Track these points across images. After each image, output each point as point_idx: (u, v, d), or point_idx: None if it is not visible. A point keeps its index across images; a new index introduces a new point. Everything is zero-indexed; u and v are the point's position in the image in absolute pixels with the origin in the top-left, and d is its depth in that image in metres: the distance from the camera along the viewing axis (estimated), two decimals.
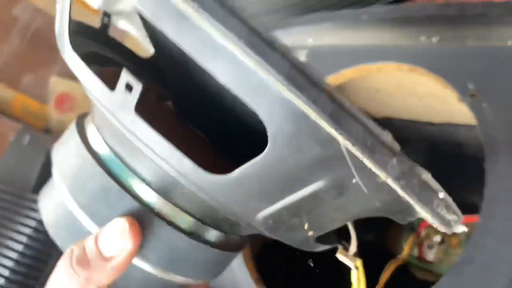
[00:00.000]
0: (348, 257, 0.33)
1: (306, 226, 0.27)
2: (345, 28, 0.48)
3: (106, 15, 0.41)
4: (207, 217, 0.31)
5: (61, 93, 1.40)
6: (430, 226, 0.50)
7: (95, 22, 0.43)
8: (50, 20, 1.34)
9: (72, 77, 1.27)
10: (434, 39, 0.44)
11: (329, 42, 0.52)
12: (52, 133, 1.44)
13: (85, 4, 1.43)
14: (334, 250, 0.34)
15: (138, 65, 0.42)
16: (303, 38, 0.55)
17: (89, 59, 0.30)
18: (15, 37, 1.32)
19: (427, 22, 0.42)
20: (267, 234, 0.28)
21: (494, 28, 0.39)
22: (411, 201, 0.22)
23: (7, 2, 1.28)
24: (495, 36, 0.39)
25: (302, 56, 0.55)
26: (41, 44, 1.39)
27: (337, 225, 0.29)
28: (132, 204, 0.30)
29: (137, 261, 0.30)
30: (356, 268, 0.33)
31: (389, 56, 0.44)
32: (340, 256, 0.34)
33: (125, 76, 0.25)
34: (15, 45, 1.32)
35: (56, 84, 1.39)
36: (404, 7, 0.42)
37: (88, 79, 0.28)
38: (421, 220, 0.31)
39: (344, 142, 0.21)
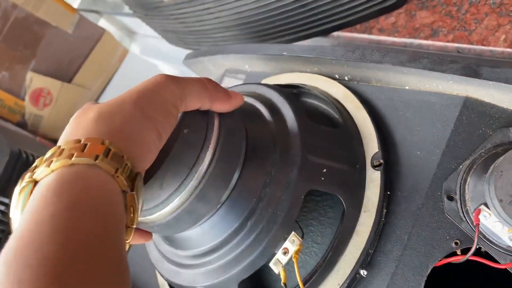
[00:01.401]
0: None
1: None
2: (270, 60, 0.52)
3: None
4: None
5: (37, 88, 1.42)
6: None
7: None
8: (26, 17, 1.35)
9: (48, 73, 1.29)
10: (346, 78, 0.47)
11: (260, 70, 0.55)
12: (27, 128, 1.47)
13: (64, 3, 1.45)
14: None
15: None
16: (242, 64, 0.58)
17: None
18: None
19: (338, 65, 0.45)
20: None
21: (391, 74, 0.42)
22: None
23: None
24: (393, 81, 0.43)
25: (241, 80, 0.59)
26: (17, 40, 1.40)
27: None
28: None
29: None
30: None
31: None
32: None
33: None
34: None
35: (32, 80, 1.41)
36: (318, 49, 0.45)
37: None
38: None
39: None
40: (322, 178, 0.38)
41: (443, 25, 0.59)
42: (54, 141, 1.32)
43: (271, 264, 0.36)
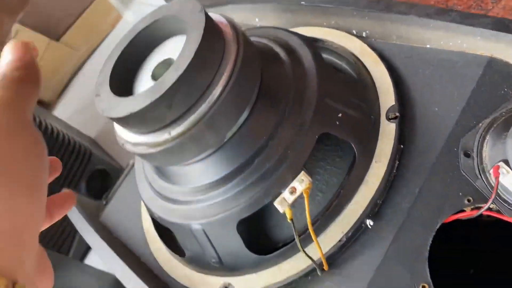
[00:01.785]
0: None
1: None
2: (285, 11, 0.49)
3: None
4: None
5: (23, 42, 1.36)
6: None
7: None
8: None
9: (35, 28, 1.24)
10: (364, 34, 0.46)
11: (272, 23, 0.53)
12: None
13: None
14: None
15: None
16: (252, 17, 0.56)
17: None
18: None
19: (358, 17, 0.44)
20: None
21: (414, 30, 0.41)
22: None
23: None
24: (414, 38, 0.42)
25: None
26: None
27: None
28: None
29: None
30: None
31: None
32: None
33: None
34: None
35: (18, 33, 1.36)
36: None
37: None
38: None
39: None
40: (337, 123, 0.36)
41: (459, 3, 0.58)
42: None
43: (275, 203, 0.34)
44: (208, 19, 0.33)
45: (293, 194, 0.34)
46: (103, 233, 0.51)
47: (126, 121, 0.33)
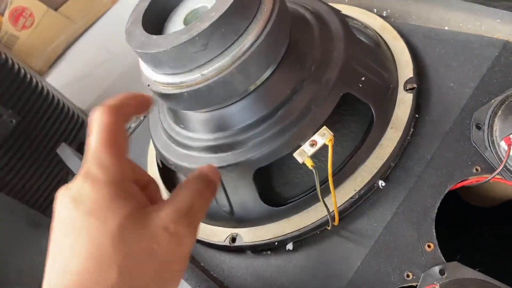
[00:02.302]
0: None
1: None
2: None
3: None
4: None
5: (19, 6, 1.34)
6: None
7: None
8: None
9: None
10: (385, 13, 0.47)
11: None
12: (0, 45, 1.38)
13: None
14: None
15: None
16: None
17: None
18: None
19: None
20: None
21: (436, 10, 0.43)
22: None
23: None
24: (434, 19, 0.43)
25: None
26: None
27: None
28: None
29: None
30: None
31: None
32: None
33: None
34: None
35: None
36: None
37: None
38: None
39: None
40: (360, 85, 0.38)
41: None
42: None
43: (295, 154, 0.35)
44: None
45: (314, 146, 0.35)
46: None
47: (160, 58, 0.34)
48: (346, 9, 0.49)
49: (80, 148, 1.01)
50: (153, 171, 0.49)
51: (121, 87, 1.23)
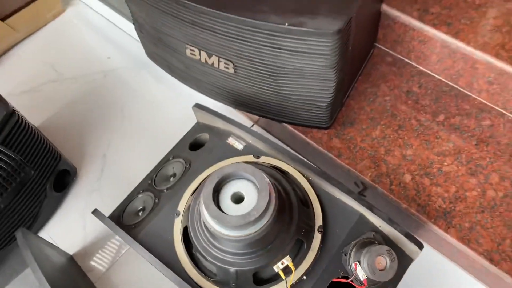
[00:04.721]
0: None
1: None
2: (271, 148, 0.94)
3: None
4: None
5: None
6: None
7: None
8: None
9: None
10: (310, 178, 0.94)
11: (258, 147, 0.97)
12: None
13: None
14: None
15: None
16: (246, 136, 0.99)
17: None
18: None
19: (307, 170, 0.92)
20: None
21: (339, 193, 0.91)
22: None
23: None
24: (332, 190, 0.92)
25: (242, 144, 0.99)
26: None
27: None
28: None
29: None
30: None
31: None
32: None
33: None
34: None
35: None
36: (299, 161, 0.91)
37: None
38: None
39: None
40: (303, 232, 0.84)
41: (345, 152, 1.12)
42: None
43: (274, 266, 0.80)
44: (268, 182, 0.76)
45: (283, 264, 0.80)
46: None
47: (226, 225, 0.75)
48: (289, 169, 0.93)
49: (56, 179, 1.26)
50: (180, 247, 0.89)
51: (76, 112, 1.46)
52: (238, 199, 0.78)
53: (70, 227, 1.25)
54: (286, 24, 0.87)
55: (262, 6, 0.90)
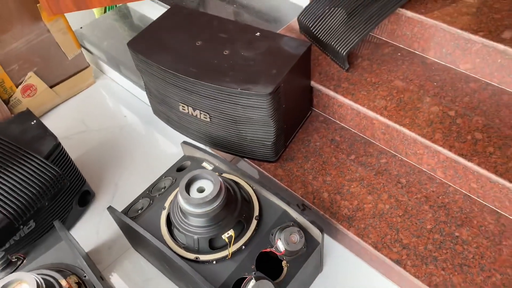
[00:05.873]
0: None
1: None
2: (229, 170, 1.44)
3: None
4: None
5: (30, 84, 2.03)
6: None
7: None
8: (48, 39, 2.00)
9: (41, 76, 2.14)
10: (253, 187, 1.43)
11: (223, 169, 1.47)
12: (7, 105, 2.03)
13: (75, 39, 2.15)
14: None
15: None
16: (222, 166, 1.49)
17: None
18: None
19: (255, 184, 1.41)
20: None
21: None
22: None
23: None
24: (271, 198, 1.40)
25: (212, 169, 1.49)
26: (36, 53, 2.05)
27: None
28: None
29: None
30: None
31: None
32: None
33: None
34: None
35: (30, 77, 2.04)
36: (253, 181, 1.40)
37: None
38: None
39: None
40: (243, 216, 1.30)
41: (285, 178, 1.60)
42: None
43: (223, 236, 1.25)
44: (221, 180, 1.25)
45: (228, 234, 1.26)
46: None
47: (192, 204, 1.22)
48: (239, 179, 1.42)
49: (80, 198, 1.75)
50: (164, 228, 1.35)
51: (98, 154, 1.98)
52: (201, 190, 1.26)
53: (87, 233, 1.71)
54: (239, 89, 1.41)
55: (225, 78, 1.45)
